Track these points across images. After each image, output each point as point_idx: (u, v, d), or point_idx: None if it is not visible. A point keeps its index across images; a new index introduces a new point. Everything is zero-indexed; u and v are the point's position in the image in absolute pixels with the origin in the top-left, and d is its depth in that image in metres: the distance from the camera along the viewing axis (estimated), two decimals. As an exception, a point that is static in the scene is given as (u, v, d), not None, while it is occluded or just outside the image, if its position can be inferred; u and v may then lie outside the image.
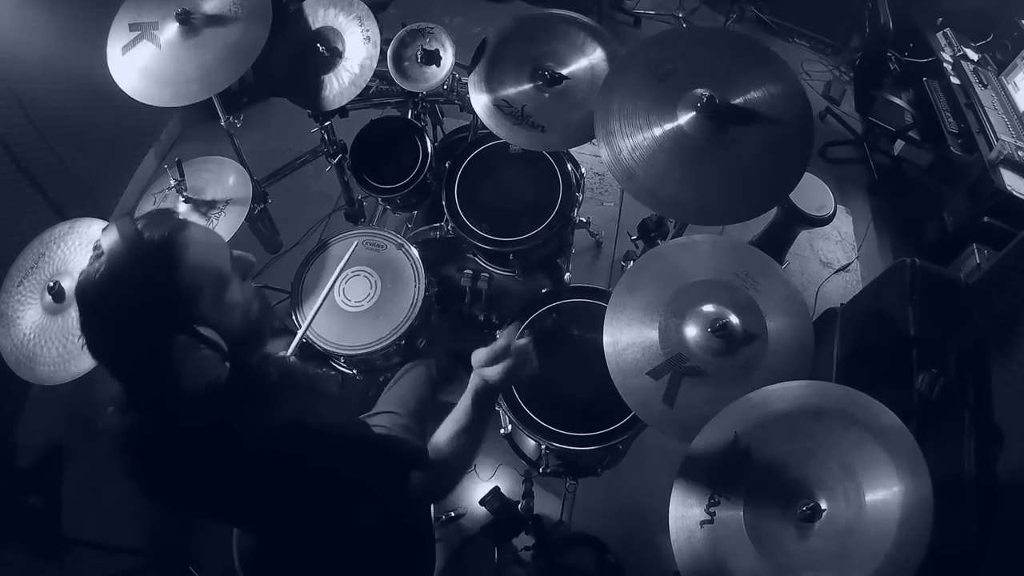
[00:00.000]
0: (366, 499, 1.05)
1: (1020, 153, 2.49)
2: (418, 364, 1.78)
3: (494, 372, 1.10)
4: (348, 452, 0.98)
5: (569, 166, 1.97)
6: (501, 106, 1.67)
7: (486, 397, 1.12)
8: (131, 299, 0.81)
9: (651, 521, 2.07)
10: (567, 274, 2.23)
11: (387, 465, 1.03)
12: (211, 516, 1.04)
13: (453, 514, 2.10)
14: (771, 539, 1.00)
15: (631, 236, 1.98)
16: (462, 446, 1.10)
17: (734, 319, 1.30)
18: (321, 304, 1.52)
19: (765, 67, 1.38)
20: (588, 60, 1.69)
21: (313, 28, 1.85)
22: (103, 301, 0.82)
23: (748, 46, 1.44)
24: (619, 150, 1.35)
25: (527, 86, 1.69)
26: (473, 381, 1.12)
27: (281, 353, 1.05)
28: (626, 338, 1.31)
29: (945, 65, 2.93)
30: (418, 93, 2.00)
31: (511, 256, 1.94)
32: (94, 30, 1.72)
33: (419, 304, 1.73)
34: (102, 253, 0.82)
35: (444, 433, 1.11)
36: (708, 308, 1.32)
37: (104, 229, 0.85)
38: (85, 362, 1.43)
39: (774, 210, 2.40)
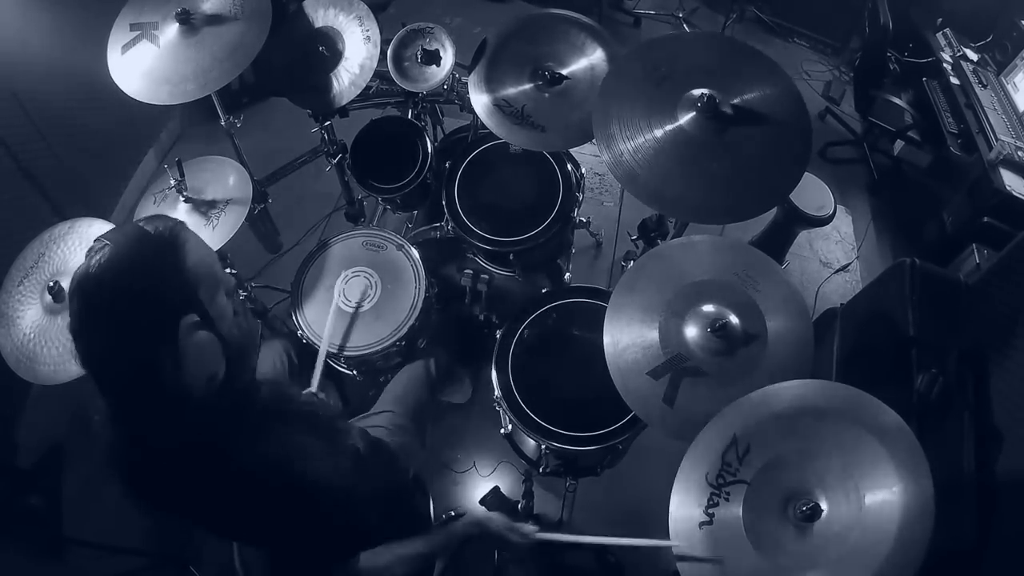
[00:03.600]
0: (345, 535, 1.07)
1: (1020, 153, 2.49)
2: (417, 364, 1.78)
3: (499, 519, 1.25)
4: (328, 504, 0.99)
5: (569, 166, 1.97)
6: (501, 106, 1.67)
7: (461, 535, 1.23)
8: (139, 280, 0.82)
9: (651, 521, 2.06)
10: (567, 274, 2.24)
11: (367, 519, 1.06)
12: (203, 529, 1.05)
13: (453, 514, 2.10)
14: (771, 539, 0.99)
15: (631, 236, 1.97)
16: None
17: (734, 319, 1.30)
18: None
19: (761, 68, 1.39)
20: (588, 60, 1.69)
21: (313, 28, 1.86)
22: (112, 285, 0.81)
23: (741, 49, 1.44)
24: (620, 152, 1.35)
25: (527, 86, 1.69)
26: (465, 520, 1.25)
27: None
28: (626, 338, 1.31)
29: (945, 65, 2.93)
30: (418, 93, 2.00)
31: (511, 256, 1.94)
32: (94, 30, 1.72)
33: (419, 305, 1.73)
34: (105, 244, 0.82)
35: (393, 550, 1.14)
36: (708, 308, 1.32)
37: (99, 236, 0.86)
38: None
39: (774, 210, 2.40)
